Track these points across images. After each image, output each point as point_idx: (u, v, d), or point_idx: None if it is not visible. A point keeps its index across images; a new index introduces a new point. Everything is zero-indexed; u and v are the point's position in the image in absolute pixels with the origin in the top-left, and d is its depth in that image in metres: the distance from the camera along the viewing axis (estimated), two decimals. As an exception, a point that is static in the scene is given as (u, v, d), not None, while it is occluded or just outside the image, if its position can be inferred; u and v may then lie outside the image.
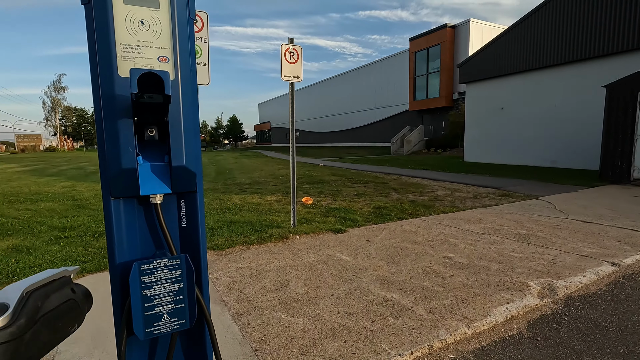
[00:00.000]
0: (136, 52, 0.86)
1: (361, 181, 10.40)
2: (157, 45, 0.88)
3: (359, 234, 4.65)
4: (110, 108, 0.84)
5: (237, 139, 70.64)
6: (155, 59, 0.88)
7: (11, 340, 0.40)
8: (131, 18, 0.84)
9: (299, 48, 4.54)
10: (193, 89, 0.96)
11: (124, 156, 0.85)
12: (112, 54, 0.83)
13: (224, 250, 4.08)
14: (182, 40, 0.91)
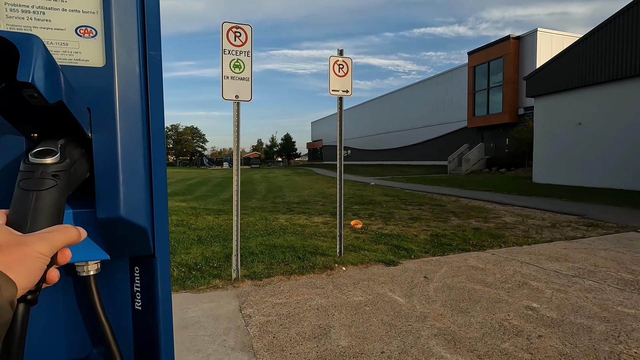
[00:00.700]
0: (35, 17, 0.49)
1: (415, 203, 9.62)
2: (74, 7, 0.50)
3: (414, 268, 4.02)
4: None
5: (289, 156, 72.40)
6: (71, 31, 0.50)
7: (65, 170, 0.44)
8: (27, -43, 0.48)
9: (349, 60, 4.17)
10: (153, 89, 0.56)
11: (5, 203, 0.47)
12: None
13: (262, 280, 3.71)
14: (123, 2, 0.52)
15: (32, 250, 0.38)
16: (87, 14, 0.51)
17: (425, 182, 16.75)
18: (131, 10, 0.53)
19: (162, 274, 0.62)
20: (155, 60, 0.57)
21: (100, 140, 0.51)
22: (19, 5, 0.48)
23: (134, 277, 0.64)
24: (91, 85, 0.51)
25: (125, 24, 0.52)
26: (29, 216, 0.41)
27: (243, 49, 3.51)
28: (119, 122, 0.52)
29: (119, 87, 0.52)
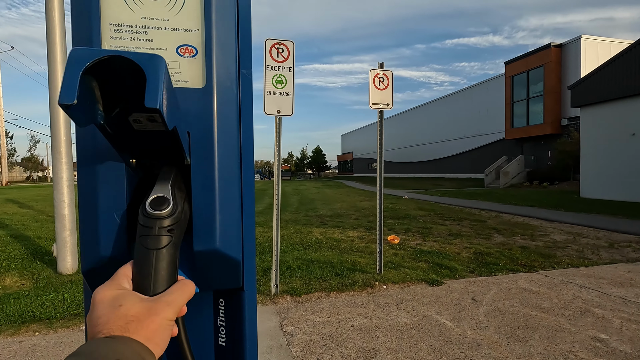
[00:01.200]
0: (138, 37, 0.46)
1: (453, 218, 9.25)
2: (176, 26, 0.47)
3: (460, 289, 3.80)
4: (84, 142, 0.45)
5: (320, 168, 72.77)
6: (172, 51, 0.47)
7: (178, 222, 0.44)
8: (132, -23, 0.45)
9: (390, 73, 4.10)
10: (244, 108, 0.52)
11: (103, 234, 0.44)
12: (92, 43, 0.45)
13: (301, 296, 3.64)
14: (224, 18, 0.49)
15: (162, 319, 0.40)
16: (188, 32, 0.48)
17: (461, 196, 16.14)
18: (230, 27, 0.50)
19: (249, 308, 0.57)
20: (247, 79, 0.54)
21: (199, 167, 0.47)
22: (123, 25, 0.46)
23: (218, 311, 0.59)
24: (191, 107, 0.47)
25: (225, 42, 0.49)
26: (151, 277, 0.42)
27: (285, 65, 3.55)
28: (217, 146, 0.48)
29: (218, 109, 0.48)
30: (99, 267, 0.47)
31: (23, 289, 3.86)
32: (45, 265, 4.76)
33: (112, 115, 0.38)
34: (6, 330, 2.95)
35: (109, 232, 0.45)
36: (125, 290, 0.42)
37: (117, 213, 0.45)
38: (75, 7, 0.45)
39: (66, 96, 0.31)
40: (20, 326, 3.02)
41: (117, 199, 0.45)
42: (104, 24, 0.45)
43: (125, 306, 0.39)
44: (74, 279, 4.15)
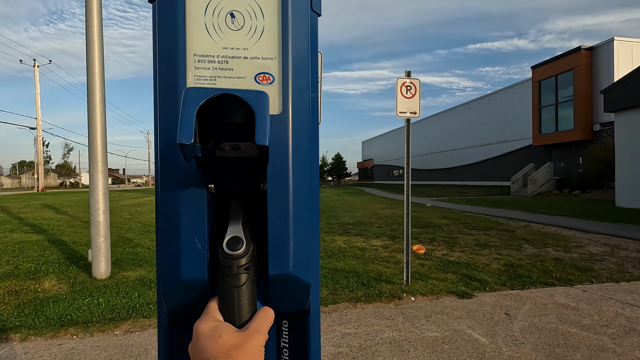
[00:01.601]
0: (219, 67, 0.48)
1: (480, 227, 8.99)
2: (255, 55, 0.49)
3: (492, 302, 3.67)
4: (167, 166, 0.46)
5: (340, 175, 72.66)
6: (250, 79, 0.49)
7: (252, 260, 0.46)
8: (215, 9, 0.47)
9: (417, 81, 4.07)
10: (312, 133, 0.53)
11: (185, 257, 0.45)
12: (177, 74, 0.46)
13: (327, 306, 3.62)
14: (299, 45, 0.50)
15: (256, 345, 0.45)
16: (266, 60, 0.49)
17: (487, 204, 15.69)
18: (305, 54, 0.51)
19: (313, 331, 0.57)
20: (315, 103, 0.54)
21: (275, 193, 0.48)
22: (206, 56, 0.48)
23: (282, 332, 0.60)
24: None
25: (300, 69, 0.50)
26: (236, 311, 0.46)
27: (313, 75, 3.59)
28: (292, 172, 0.49)
29: (293, 135, 0.49)
30: (178, 290, 0.48)
31: (61, 293, 4.02)
32: (81, 269, 4.95)
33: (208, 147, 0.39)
34: (46, 333, 3.07)
35: (189, 256, 0.46)
36: (221, 322, 0.47)
37: (198, 238, 0.46)
38: (161, 40, 0.47)
39: (184, 136, 0.33)
40: (59, 329, 3.14)
41: (198, 223, 0.46)
42: (189, 55, 0.47)
43: (224, 337, 0.45)
44: (108, 284, 4.29)
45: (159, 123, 0.47)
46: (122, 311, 3.49)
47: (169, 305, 0.50)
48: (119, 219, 10.91)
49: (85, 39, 4.57)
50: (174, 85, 0.47)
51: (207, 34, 0.48)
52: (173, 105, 0.46)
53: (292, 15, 0.50)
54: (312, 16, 0.54)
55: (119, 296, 3.87)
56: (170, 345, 0.53)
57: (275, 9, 0.49)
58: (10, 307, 3.63)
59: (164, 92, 0.47)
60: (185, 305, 0.50)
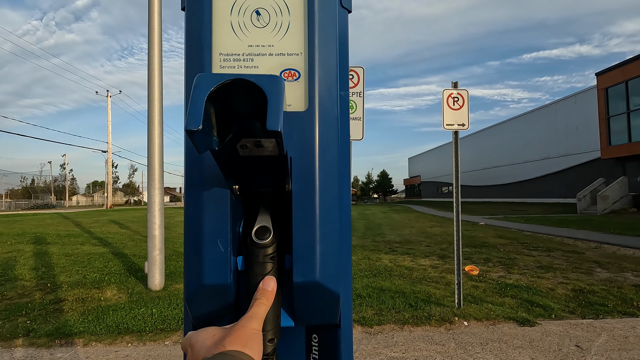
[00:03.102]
0: (244, 64, 0.47)
1: (542, 248, 8.21)
2: (280, 51, 0.47)
3: (558, 332, 3.28)
4: (192, 169, 0.45)
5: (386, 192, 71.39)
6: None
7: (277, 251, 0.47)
8: (241, 7, 0.47)
9: (465, 92, 3.90)
10: (342, 131, 0.50)
11: (207, 260, 0.44)
12: (204, 72, 0.46)
13: (372, 327, 3.47)
14: (326, 40, 0.48)
15: (249, 329, 0.44)
16: (291, 56, 0.48)
17: (549, 223, 14.37)
18: (332, 50, 0.49)
19: (345, 347, 0.52)
20: (345, 101, 0.52)
21: (300, 193, 0.45)
22: (231, 54, 0.47)
23: (311, 347, 0.55)
24: (293, 131, 0.46)
25: (327, 65, 0.48)
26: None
27: (355, 90, 3.59)
28: (318, 172, 0.46)
29: (320, 132, 0.47)
30: (201, 295, 0.46)
31: (120, 302, 4.30)
32: (138, 281, 5.27)
33: (225, 141, 0.38)
34: (105, 339, 3.27)
35: (212, 260, 0.44)
36: (216, 327, 0.47)
37: (221, 240, 0.45)
38: (189, 40, 0.48)
39: (192, 122, 0.31)
40: (116, 337, 3.33)
41: (221, 226, 0.44)
42: (215, 54, 0.47)
43: (218, 334, 0.45)
44: (161, 295, 4.51)
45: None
46: (173, 322, 3.62)
47: (192, 311, 0.48)
48: (174, 234, 11.57)
49: (147, 70, 5.02)
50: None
51: (233, 32, 0.47)
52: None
53: (319, 11, 0.48)
54: (341, 12, 0.52)
55: (170, 307, 4.04)
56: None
57: (301, 5, 0.48)
58: (77, 313, 3.93)
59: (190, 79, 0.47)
60: (209, 311, 0.48)
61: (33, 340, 3.27)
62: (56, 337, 3.31)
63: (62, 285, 5.02)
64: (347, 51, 0.53)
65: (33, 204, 49.65)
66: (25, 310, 4.02)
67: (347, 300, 0.52)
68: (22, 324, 3.63)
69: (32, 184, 69.45)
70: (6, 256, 7.33)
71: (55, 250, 8.01)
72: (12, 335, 3.37)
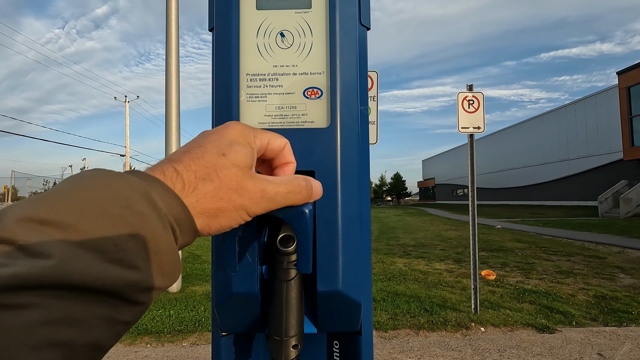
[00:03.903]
0: (270, 84, 0.49)
1: (561, 252, 8.01)
2: (303, 70, 0.50)
3: (579, 340, 3.20)
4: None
5: (399, 195, 70.81)
6: (299, 94, 0.49)
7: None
8: (266, 29, 0.50)
9: (480, 95, 3.86)
10: (362, 146, 0.52)
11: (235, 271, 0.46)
12: (231, 92, 0.49)
13: (387, 331, 3.46)
14: (346, 59, 0.50)
15: (237, 207, 0.32)
16: (314, 75, 0.50)
17: (569, 227, 13.99)
18: (352, 67, 0.51)
19: (366, 354, 0.54)
20: (364, 115, 0.54)
21: (323, 207, 0.47)
22: (257, 74, 0.50)
23: (332, 353, 0.57)
24: (315, 146, 0.49)
25: (348, 82, 0.50)
26: (284, 305, 0.46)
27: (370, 94, 3.59)
28: (340, 186, 0.48)
29: (341, 148, 0.49)
30: (230, 303, 0.49)
31: (138, 303, 4.40)
32: (156, 282, 5.39)
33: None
34: (125, 340, 3.36)
35: (240, 270, 0.47)
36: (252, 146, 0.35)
37: (249, 252, 0.47)
38: (217, 62, 0.51)
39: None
40: (136, 337, 3.42)
41: (249, 238, 0.47)
42: (242, 75, 0.50)
43: (231, 158, 0.32)
44: (178, 297, 4.60)
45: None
46: (190, 324, 3.69)
47: (221, 318, 0.51)
48: (189, 236, 11.76)
49: (165, 77, 5.15)
50: (229, 103, 0.49)
51: (259, 54, 0.50)
52: (226, 104, 0.49)
53: (340, 31, 0.50)
54: (361, 30, 0.54)
55: (187, 309, 4.12)
56: (223, 357, 0.54)
57: (323, 26, 0.50)
58: (98, 314, 4.05)
59: (219, 111, 0.50)
60: (237, 318, 0.50)
61: (57, 339, 3.39)
62: (79, 337, 3.42)
63: (83, 286, 5.18)
64: (366, 67, 0.55)
65: (55, 207, 51.14)
66: (50, 311, 4.16)
67: (368, 308, 0.53)
68: (47, 323, 3.76)
69: (54, 187, 71.56)
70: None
71: (76, 252, 8.26)
72: (37, 334, 3.50)
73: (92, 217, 0.24)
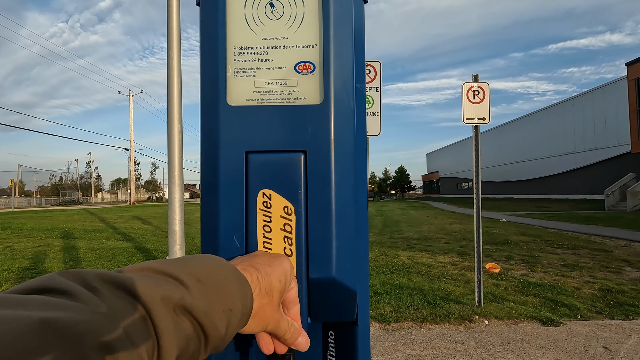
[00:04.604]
0: (258, 58, 0.46)
1: (567, 245, 7.94)
2: (294, 44, 0.47)
3: (585, 333, 3.17)
4: (209, 164, 0.45)
5: (404, 189, 70.65)
6: (290, 69, 0.46)
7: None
8: (255, 1, 0.46)
9: (486, 85, 3.79)
10: (358, 124, 0.49)
11: (223, 254, 0.44)
12: (217, 67, 0.46)
13: (390, 324, 3.45)
14: (341, 31, 0.47)
15: (287, 267, 0.42)
16: (306, 48, 0.47)
17: (575, 220, 13.87)
18: (348, 41, 0.47)
19: (362, 345, 0.51)
20: (361, 93, 0.50)
21: (315, 188, 0.44)
22: (245, 48, 0.47)
23: (328, 344, 0.55)
24: (307, 125, 0.46)
25: (343, 57, 0.47)
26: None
27: (372, 85, 3.54)
28: (334, 166, 0.45)
29: (335, 126, 0.46)
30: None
31: (142, 295, 4.43)
32: (160, 275, 5.42)
33: None
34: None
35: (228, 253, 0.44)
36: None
37: (237, 235, 0.44)
38: (203, 38, 0.48)
39: None
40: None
41: (237, 223, 0.44)
42: (229, 48, 0.47)
43: (281, 287, 0.41)
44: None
45: (202, 118, 0.47)
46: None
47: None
48: (193, 229, 11.82)
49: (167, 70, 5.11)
50: (215, 79, 0.46)
51: (247, 26, 0.47)
52: (214, 100, 0.46)
53: (334, 1, 0.47)
54: (357, 2, 0.51)
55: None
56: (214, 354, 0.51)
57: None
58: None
59: (205, 88, 0.47)
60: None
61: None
62: (83, 328, 3.45)
63: (88, 279, 5.22)
64: (363, 43, 0.52)
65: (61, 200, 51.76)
66: (55, 302, 4.20)
67: (364, 297, 0.51)
68: (52, 315, 3.80)
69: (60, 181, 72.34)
70: (37, 250, 7.67)
71: (82, 245, 8.33)
72: (42, 325, 3.53)
73: (215, 280, 0.34)
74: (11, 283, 4.98)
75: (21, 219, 17.05)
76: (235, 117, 0.45)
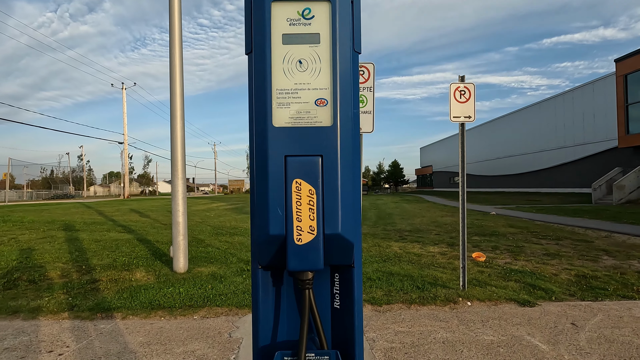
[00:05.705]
0: (292, 96, 0.73)
1: (551, 237, 8.34)
2: (314, 87, 0.73)
3: (557, 312, 3.51)
4: (261, 163, 0.72)
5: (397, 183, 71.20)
6: (312, 103, 0.73)
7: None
8: (289, 59, 0.73)
9: (471, 85, 4.07)
10: (354, 138, 0.76)
11: (272, 220, 0.71)
12: (266, 101, 0.72)
13: (382, 306, 3.76)
14: (344, 78, 0.74)
15: None
16: (322, 90, 0.73)
17: (562, 213, 14.35)
18: (349, 83, 0.74)
19: (357, 280, 0.79)
20: (356, 117, 0.77)
21: (328, 179, 0.71)
22: (283, 90, 0.74)
23: (334, 282, 0.82)
24: (323, 139, 0.73)
25: (346, 94, 0.74)
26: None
27: (366, 85, 3.80)
28: (340, 163, 0.72)
29: (341, 140, 0.73)
30: (265, 242, 0.73)
31: (149, 282, 4.69)
32: (164, 264, 5.67)
33: None
34: (140, 314, 3.65)
35: (274, 219, 0.71)
36: None
37: (280, 207, 0.71)
38: (256, 80, 0.74)
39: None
40: (150, 311, 3.71)
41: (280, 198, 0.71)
42: (273, 90, 0.73)
43: None
44: (186, 277, 4.89)
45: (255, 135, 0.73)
46: (199, 300, 3.98)
47: (259, 253, 0.75)
48: (191, 222, 12.05)
49: (169, 60, 5.31)
50: (265, 109, 0.73)
51: (284, 75, 0.73)
52: (264, 123, 0.73)
53: (340, 58, 0.73)
54: (354, 55, 0.77)
55: (195, 287, 4.41)
56: (261, 285, 0.78)
57: (328, 56, 0.73)
58: (112, 292, 4.33)
59: (258, 115, 0.74)
60: (270, 254, 0.75)
61: (77, 313, 3.67)
62: (97, 312, 3.70)
63: (95, 268, 5.46)
64: (357, 81, 0.79)
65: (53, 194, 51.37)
66: (66, 289, 4.44)
67: (358, 247, 0.78)
68: (65, 300, 4.04)
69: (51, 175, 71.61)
70: (41, 241, 7.87)
71: (85, 237, 8.54)
72: (58, 309, 3.78)
73: None
74: (21, 272, 5.20)
75: (18, 212, 17.10)
76: (278, 134, 0.72)
